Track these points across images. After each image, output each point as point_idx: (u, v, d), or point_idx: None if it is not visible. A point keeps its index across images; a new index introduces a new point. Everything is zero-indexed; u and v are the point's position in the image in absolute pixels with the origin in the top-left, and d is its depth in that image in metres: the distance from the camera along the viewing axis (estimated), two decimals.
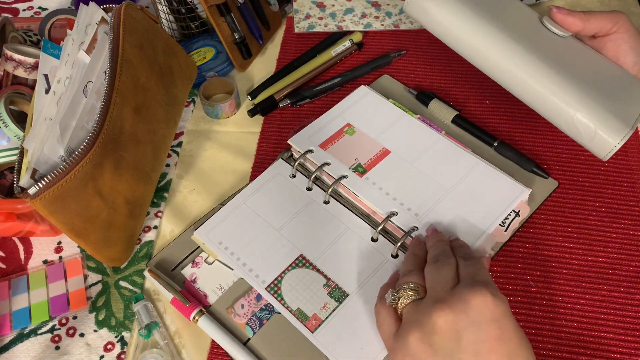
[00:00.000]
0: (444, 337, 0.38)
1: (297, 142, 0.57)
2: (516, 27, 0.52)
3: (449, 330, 0.38)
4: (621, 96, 0.50)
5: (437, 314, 0.38)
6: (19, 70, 0.57)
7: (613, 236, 0.53)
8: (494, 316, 0.38)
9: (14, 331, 0.49)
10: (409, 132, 0.58)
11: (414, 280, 0.43)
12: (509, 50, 0.50)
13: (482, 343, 0.37)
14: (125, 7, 0.52)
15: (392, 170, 0.55)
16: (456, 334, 0.37)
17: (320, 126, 0.59)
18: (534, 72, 0.49)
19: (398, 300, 0.42)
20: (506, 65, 0.50)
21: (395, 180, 0.54)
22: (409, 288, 0.42)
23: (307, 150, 0.56)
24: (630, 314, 0.48)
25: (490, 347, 0.37)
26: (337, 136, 0.58)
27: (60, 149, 0.45)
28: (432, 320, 0.38)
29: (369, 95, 0.62)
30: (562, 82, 0.49)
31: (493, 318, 0.38)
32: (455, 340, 0.37)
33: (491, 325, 0.37)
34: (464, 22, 0.51)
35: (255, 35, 0.70)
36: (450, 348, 0.37)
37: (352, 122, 0.59)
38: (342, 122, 0.59)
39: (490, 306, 0.38)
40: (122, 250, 0.52)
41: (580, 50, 0.53)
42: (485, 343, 0.37)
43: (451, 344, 0.37)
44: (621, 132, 0.47)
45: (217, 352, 0.48)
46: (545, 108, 0.50)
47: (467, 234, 0.50)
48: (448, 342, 0.37)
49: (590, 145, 0.49)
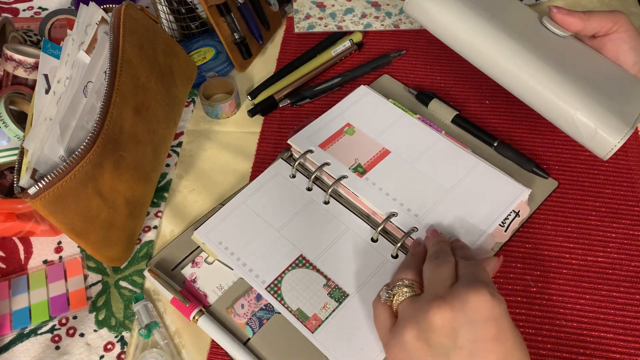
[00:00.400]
0: (440, 334, 0.38)
1: (297, 142, 0.57)
2: (516, 27, 0.52)
3: (446, 328, 0.38)
4: (621, 96, 0.50)
5: (434, 311, 0.38)
6: (19, 70, 0.57)
7: (613, 236, 0.53)
8: (491, 316, 0.38)
9: (14, 331, 0.49)
10: (409, 132, 0.58)
11: (409, 277, 0.43)
12: (509, 50, 0.50)
13: (478, 342, 0.37)
14: (125, 7, 0.52)
15: (392, 171, 0.55)
16: (453, 331, 0.37)
17: (320, 126, 0.59)
18: (534, 71, 0.49)
19: (393, 297, 0.42)
20: (506, 65, 0.50)
21: (395, 181, 0.54)
22: (403, 285, 0.42)
23: (307, 150, 0.56)
24: (630, 314, 0.48)
25: (486, 347, 0.37)
26: (336, 136, 0.58)
27: (60, 149, 0.45)
28: (429, 317, 0.38)
29: (369, 95, 0.62)
30: (562, 81, 0.49)
31: (490, 318, 0.38)
32: (451, 338, 0.37)
33: (488, 325, 0.37)
34: (464, 22, 0.51)
35: (255, 35, 0.70)
36: (446, 346, 0.37)
37: (351, 122, 0.59)
38: (342, 122, 0.59)
39: (488, 306, 0.38)
40: (122, 250, 0.52)
41: (580, 50, 0.54)
42: (481, 342, 0.37)
43: (447, 341, 0.37)
44: (621, 131, 0.47)
45: (217, 352, 0.48)
46: (546, 107, 0.50)
47: (467, 234, 0.50)
48: (444, 339, 0.38)
49: (591, 144, 0.49)
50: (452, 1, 0.52)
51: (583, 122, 0.48)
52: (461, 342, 0.37)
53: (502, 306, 0.38)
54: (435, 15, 0.52)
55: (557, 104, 0.49)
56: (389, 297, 0.43)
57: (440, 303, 0.38)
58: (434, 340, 0.38)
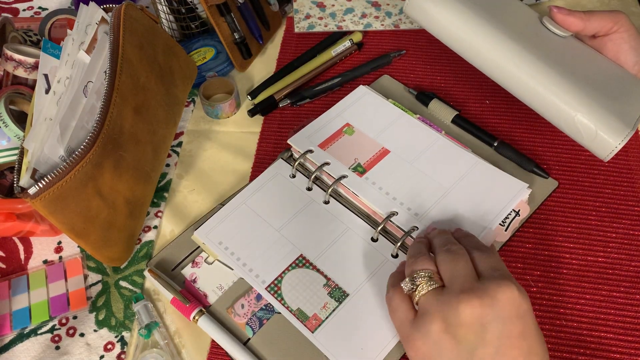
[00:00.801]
0: (469, 330, 0.37)
1: (297, 142, 0.57)
2: (516, 27, 0.52)
3: (475, 323, 0.37)
4: (622, 96, 0.50)
5: (464, 306, 0.38)
6: (19, 70, 0.57)
7: (613, 236, 0.53)
8: (518, 312, 0.38)
9: (14, 331, 0.49)
10: (409, 131, 0.58)
11: (427, 267, 0.42)
12: (509, 51, 0.50)
13: (505, 339, 0.37)
14: (125, 7, 0.52)
15: (392, 170, 0.55)
16: (481, 328, 0.37)
17: (320, 126, 0.59)
18: (534, 72, 0.49)
19: (416, 289, 0.41)
20: (506, 66, 0.50)
21: (395, 180, 0.54)
22: (426, 276, 0.41)
23: (306, 150, 0.56)
24: (630, 314, 0.48)
25: (511, 344, 0.37)
26: (336, 136, 0.58)
27: (60, 149, 0.45)
28: (458, 312, 0.38)
29: (368, 95, 0.62)
30: (562, 82, 0.49)
31: (518, 314, 0.38)
32: (479, 334, 0.37)
33: (515, 322, 0.37)
34: (463, 23, 0.51)
35: (255, 35, 0.70)
36: (474, 341, 0.37)
37: (351, 122, 0.59)
38: (342, 122, 0.59)
39: (516, 302, 0.38)
40: (122, 250, 0.52)
41: (580, 50, 0.54)
42: (507, 339, 0.37)
43: (475, 337, 0.37)
44: (622, 132, 0.48)
45: (217, 352, 0.48)
46: (546, 109, 0.50)
47: (468, 231, 0.50)
48: (472, 335, 0.37)
49: (591, 145, 0.49)
50: (452, 2, 0.52)
51: (583, 123, 0.48)
52: (489, 338, 0.37)
53: (528, 303, 0.38)
54: (435, 16, 0.52)
55: (558, 105, 0.49)
56: (412, 287, 0.42)
57: (469, 298, 0.38)
58: (462, 335, 0.38)
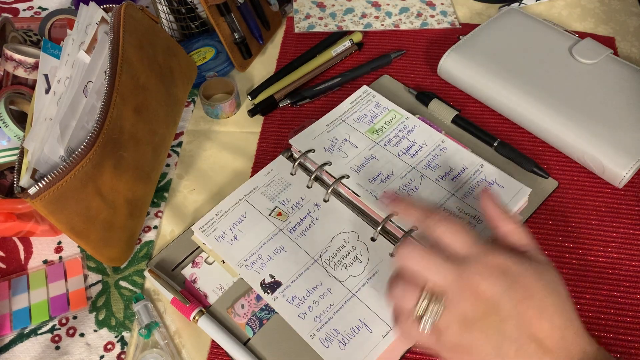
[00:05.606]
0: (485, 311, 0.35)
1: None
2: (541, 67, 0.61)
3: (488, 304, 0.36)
4: (635, 123, 0.56)
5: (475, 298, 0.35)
6: (19, 70, 0.57)
7: (613, 236, 0.53)
8: None
9: (14, 331, 0.49)
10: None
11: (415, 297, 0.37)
12: (526, 104, 0.59)
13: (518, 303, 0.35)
14: (125, 7, 0.52)
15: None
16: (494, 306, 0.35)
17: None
18: (548, 119, 0.58)
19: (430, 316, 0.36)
20: (523, 115, 0.60)
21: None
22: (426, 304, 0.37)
23: (307, 150, 0.56)
24: (630, 313, 0.48)
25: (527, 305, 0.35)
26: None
27: (60, 149, 0.45)
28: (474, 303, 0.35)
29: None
30: (571, 126, 0.57)
31: None
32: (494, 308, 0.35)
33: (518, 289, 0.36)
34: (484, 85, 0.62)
35: (255, 35, 0.70)
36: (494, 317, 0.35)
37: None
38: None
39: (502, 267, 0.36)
40: (122, 250, 0.52)
41: (606, 74, 0.60)
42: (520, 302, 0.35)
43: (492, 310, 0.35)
44: (628, 164, 0.53)
45: (217, 352, 0.48)
46: (559, 146, 0.58)
47: None
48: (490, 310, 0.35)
49: (603, 176, 0.56)
50: (474, 68, 0.62)
51: (592, 159, 0.55)
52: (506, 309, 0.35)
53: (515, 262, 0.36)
54: (462, 77, 0.64)
55: (568, 144, 0.57)
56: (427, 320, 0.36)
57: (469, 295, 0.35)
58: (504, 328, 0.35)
